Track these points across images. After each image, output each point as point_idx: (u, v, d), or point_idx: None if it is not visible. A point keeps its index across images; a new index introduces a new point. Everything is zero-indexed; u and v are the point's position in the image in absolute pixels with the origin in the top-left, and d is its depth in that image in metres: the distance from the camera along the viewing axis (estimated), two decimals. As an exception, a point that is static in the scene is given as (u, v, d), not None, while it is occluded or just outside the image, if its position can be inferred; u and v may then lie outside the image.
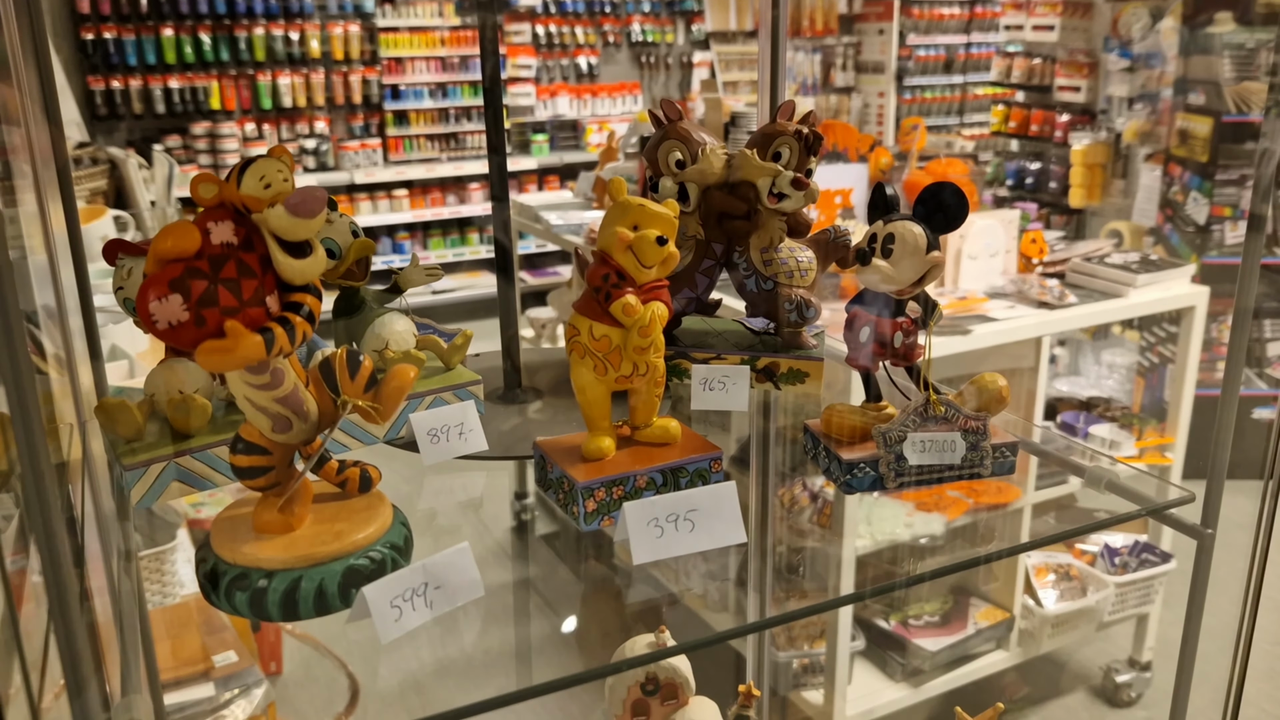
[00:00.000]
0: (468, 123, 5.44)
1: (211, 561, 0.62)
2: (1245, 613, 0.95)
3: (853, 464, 0.71)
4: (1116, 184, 4.30)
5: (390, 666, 2.99)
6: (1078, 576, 2.81)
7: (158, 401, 0.75)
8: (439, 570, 0.58)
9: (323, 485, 0.67)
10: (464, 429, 0.75)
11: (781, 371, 0.88)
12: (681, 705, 1.09)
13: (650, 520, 0.63)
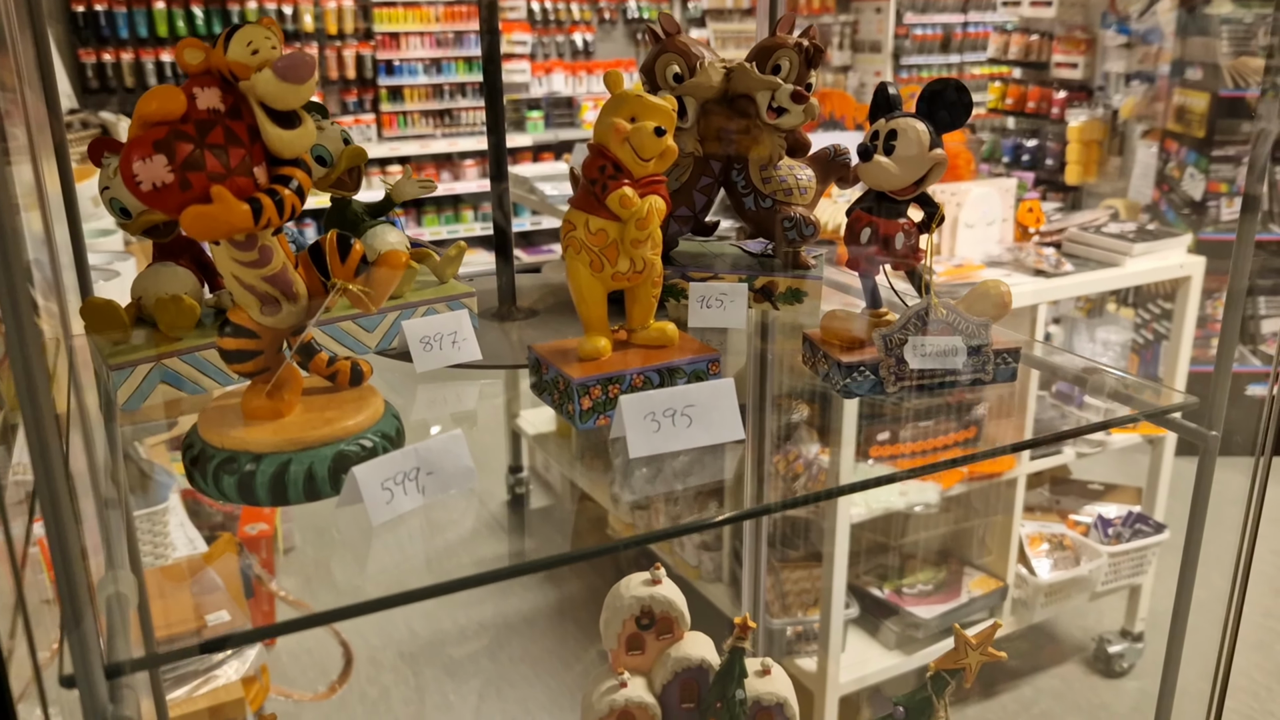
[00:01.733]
0: (462, 99, 5.41)
1: (198, 446, 0.60)
2: (1235, 584, 0.95)
3: (852, 367, 0.70)
4: (1113, 161, 4.29)
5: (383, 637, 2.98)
6: (1071, 546, 2.81)
7: (145, 305, 0.73)
8: (432, 456, 0.57)
9: (313, 381, 0.66)
10: (457, 337, 0.74)
11: (780, 291, 0.87)
12: (676, 639, 1.08)
13: (647, 414, 0.61)
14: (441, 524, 0.60)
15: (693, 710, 1.06)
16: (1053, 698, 2.76)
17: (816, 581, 2.65)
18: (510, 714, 2.69)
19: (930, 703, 0.82)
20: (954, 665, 0.82)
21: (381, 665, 2.83)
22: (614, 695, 1.05)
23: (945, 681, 0.83)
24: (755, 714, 1.07)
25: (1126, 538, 2.79)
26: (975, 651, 0.82)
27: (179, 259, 0.76)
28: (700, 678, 1.07)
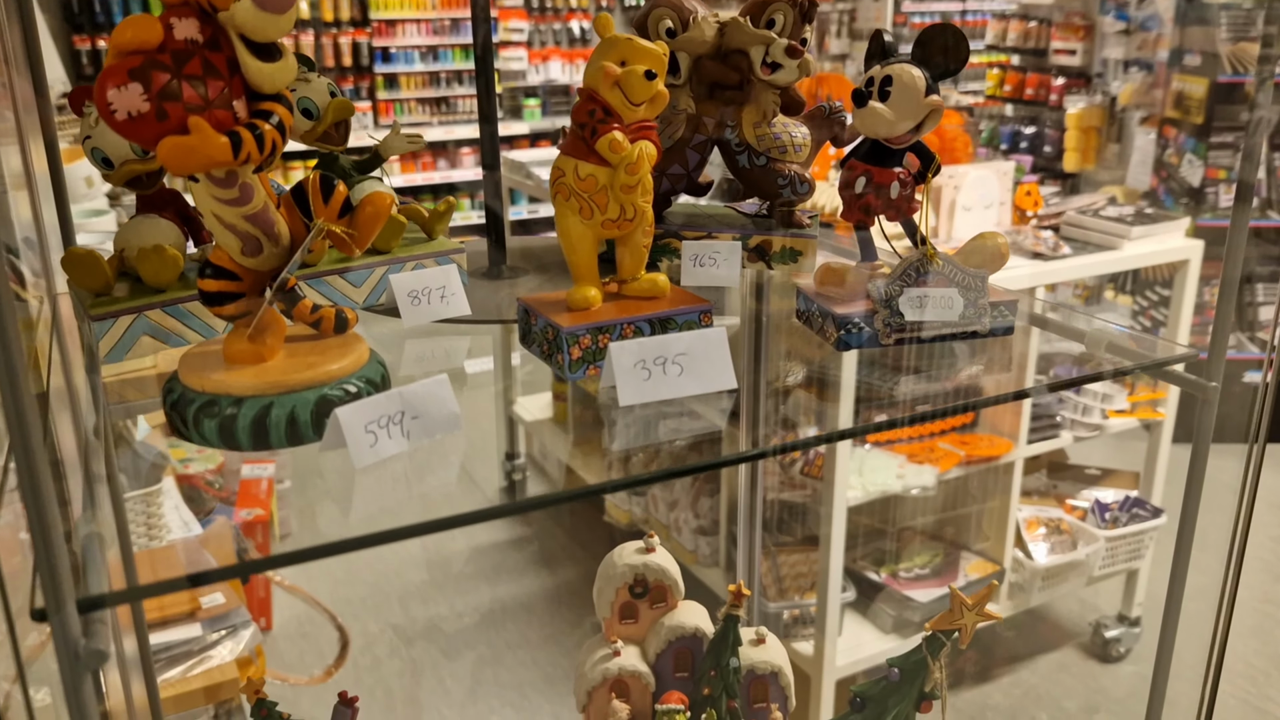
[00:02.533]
0: (459, 86, 5.39)
1: (178, 391, 0.59)
2: (1229, 567, 0.95)
3: (847, 319, 0.68)
4: (1111, 148, 4.28)
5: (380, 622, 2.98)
6: (1068, 531, 2.80)
7: (128, 258, 0.72)
8: (417, 400, 0.56)
9: (297, 330, 0.64)
10: (446, 292, 0.73)
11: (774, 250, 0.86)
12: (670, 608, 1.07)
13: (637, 362, 0.60)
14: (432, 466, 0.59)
15: (687, 679, 1.05)
16: (1049, 682, 2.76)
17: (813, 565, 2.65)
18: (506, 698, 2.68)
19: (925, 664, 0.82)
20: (950, 626, 0.81)
21: (377, 649, 2.83)
22: (607, 664, 1.04)
23: (941, 643, 0.82)
24: (750, 683, 1.06)
25: (1123, 522, 2.79)
26: (971, 612, 0.81)
27: (162, 212, 0.74)
28: (694, 647, 1.06)
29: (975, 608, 0.81)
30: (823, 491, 2.43)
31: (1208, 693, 1.04)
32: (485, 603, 3.06)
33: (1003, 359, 0.71)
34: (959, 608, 0.81)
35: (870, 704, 0.82)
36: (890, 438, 2.62)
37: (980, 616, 0.81)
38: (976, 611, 0.81)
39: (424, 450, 0.55)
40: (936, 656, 0.81)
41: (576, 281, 0.69)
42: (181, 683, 1.89)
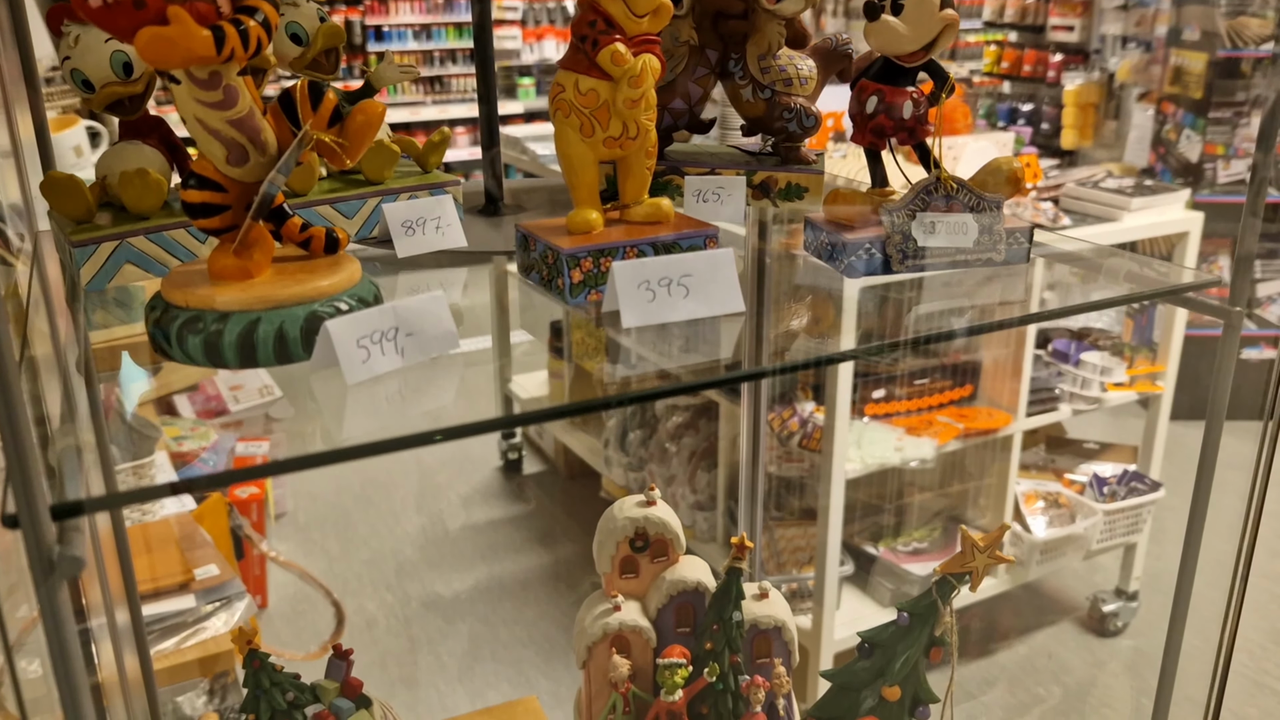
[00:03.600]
0: (453, 65, 5.34)
1: (161, 308, 0.56)
2: (1242, 546, 0.93)
3: (857, 245, 0.66)
4: (1109, 125, 4.25)
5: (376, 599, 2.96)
6: (1067, 504, 2.79)
7: (110, 185, 0.69)
8: (411, 316, 0.53)
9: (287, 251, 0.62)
10: (441, 223, 0.70)
11: (779, 187, 0.83)
12: (671, 563, 1.05)
13: (641, 283, 0.58)
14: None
15: (689, 635, 1.03)
16: (1047, 657, 2.75)
17: (811, 539, 2.64)
18: (503, 673, 2.67)
19: (935, 608, 0.80)
20: (960, 569, 0.79)
21: (374, 625, 2.81)
22: (607, 619, 1.02)
23: (951, 586, 0.80)
24: (753, 638, 1.04)
25: (1121, 496, 2.78)
26: (982, 554, 0.79)
27: (147, 139, 0.72)
28: (696, 601, 1.04)
29: (986, 550, 0.79)
30: (821, 464, 2.41)
31: (1219, 668, 1.03)
32: (482, 579, 3.04)
33: (1013, 287, 0.68)
34: (970, 550, 0.79)
35: (878, 650, 0.80)
36: (888, 410, 2.60)
37: (991, 559, 0.79)
38: (988, 554, 0.79)
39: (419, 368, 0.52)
40: (947, 600, 0.79)
41: (577, 204, 0.66)
42: (176, 654, 1.87)
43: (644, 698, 1.02)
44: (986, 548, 0.78)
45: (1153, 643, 2.83)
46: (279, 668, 0.88)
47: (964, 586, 0.79)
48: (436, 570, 3.09)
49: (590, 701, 1.04)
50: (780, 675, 1.03)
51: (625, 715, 1.01)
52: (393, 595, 2.97)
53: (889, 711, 0.80)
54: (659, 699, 0.99)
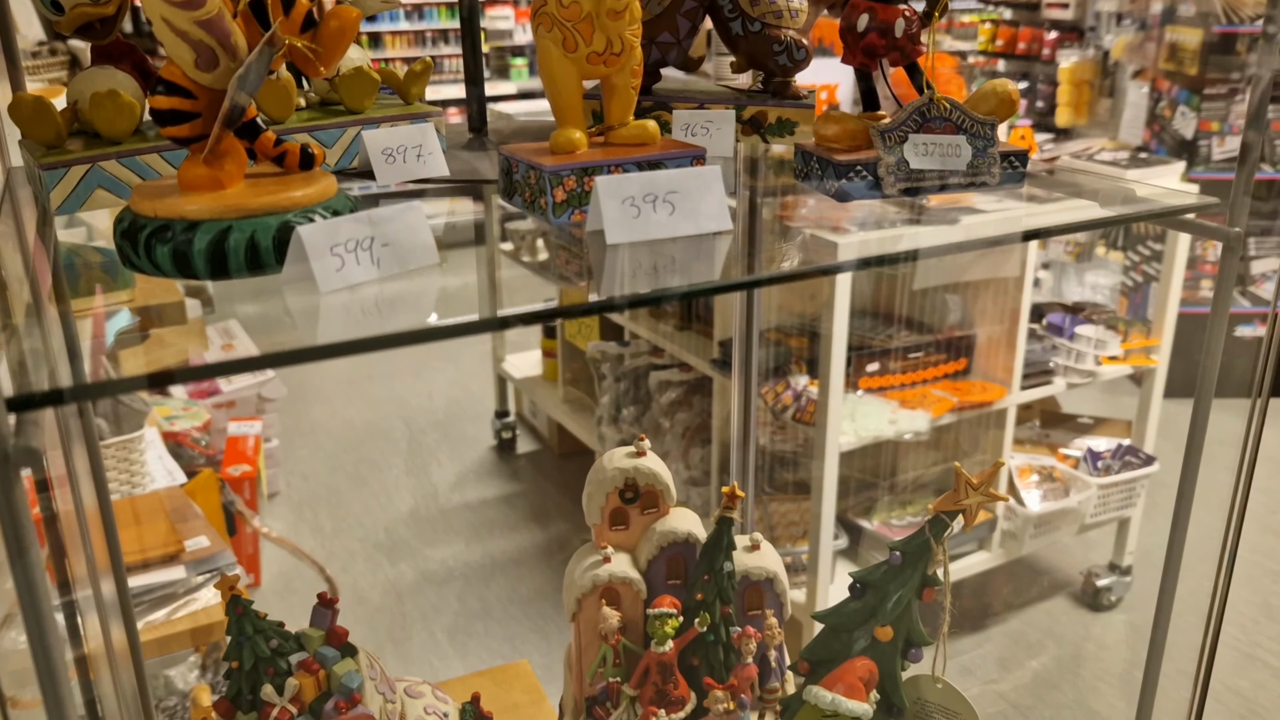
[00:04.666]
0: (444, 46, 5.30)
1: (129, 219, 0.54)
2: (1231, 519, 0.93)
3: (848, 167, 0.64)
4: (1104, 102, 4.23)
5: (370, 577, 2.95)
6: (1061, 478, 2.79)
7: (81, 110, 0.67)
8: (387, 226, 0.51)
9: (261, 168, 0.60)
10: (423, 151, 0.68)
11: (769, 122, 0.82)
12: (662, 514, 1.04)
13: (625, 199, 0.56)
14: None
15: (679, 587, 1.02)
16: (1041, 631, 2.75)
17: (805, 514, 2.63)
18: (497, 650, 2.66)
19: (928, 546, 0.78)
20: (953, 507, 0.78)
21: (368, 604, 2.80)
22: (597, 571, 1.01)
23: (944, 524, 0.78)
24: (744, 589, 1.03)
25: (1116, 470, 2.77)
26: (976, 492, 0.77)
27: (119, 64, 0.70)
28: (687, 553, 1.03)
29: (980, 488, 0.77)
30: (815, 437, 2.40)
31: (1209, 641, 1.03)
32: (476, 556, 3.03)
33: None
34: (963, 488, 0.78)
35: (870, 590, 0.79)
36: (882, 384, 2.59)
37: (985, 497, 0.78)
38: (981, 492, 0.78)
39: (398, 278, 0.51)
40: (940, 539, 0.78)
41: (560, 124, 0.65)
42: (166, 625, 1.86)
43: (634, 650, 1.01)
44: (980, 485, 0.77)
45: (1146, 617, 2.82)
46: (262, 615, 0.87)
47: (957, 524, 0.78)
48: (430, 548, 3.08)
49: (580, 654, 1.03)
50: (772, 626, 1.01)
51: (615, 667, 1.00)
52: (386, 572, 2.96)
53: (881, 652, 0.79)
54: (649, 650, 0.98)
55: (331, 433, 3.76)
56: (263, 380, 3.41)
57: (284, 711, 0.84)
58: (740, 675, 0.99)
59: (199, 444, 3.10)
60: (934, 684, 0.84)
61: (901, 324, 2.71)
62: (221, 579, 0.83)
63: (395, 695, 0.90)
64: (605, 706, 1.00)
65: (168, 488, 2.24)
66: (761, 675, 1.03)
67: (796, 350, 2.66)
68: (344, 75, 0.73)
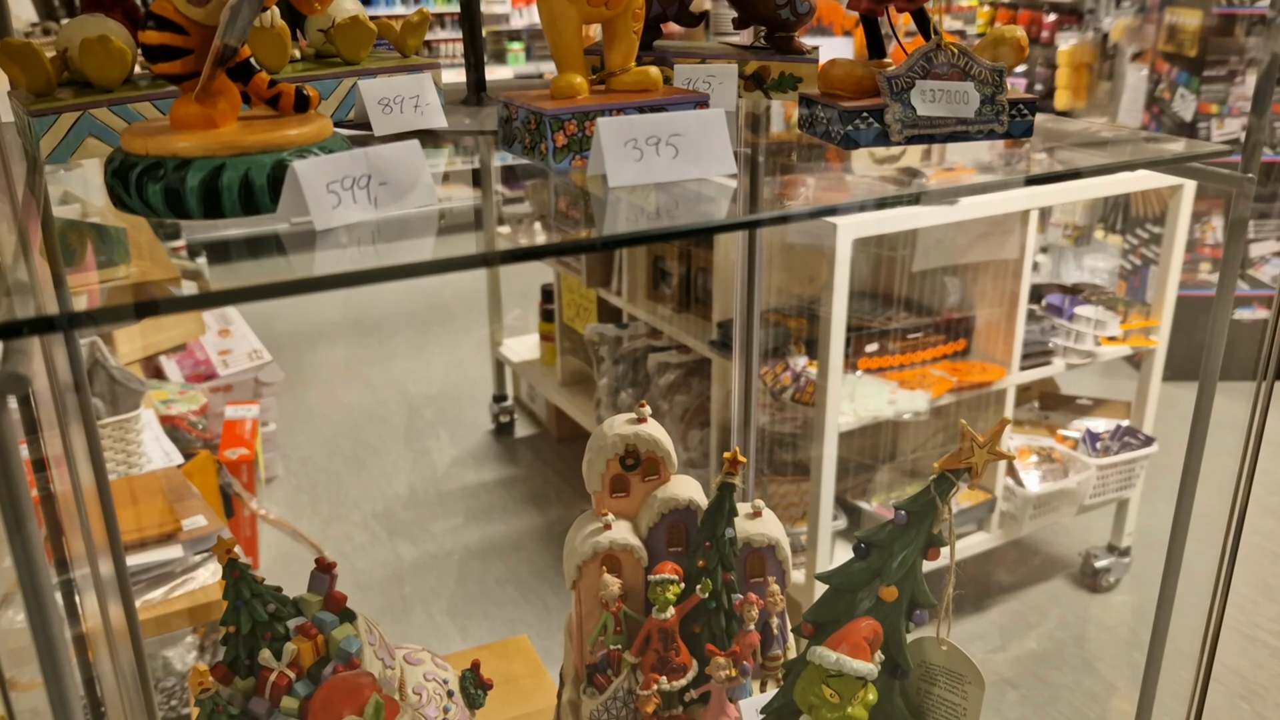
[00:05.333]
0: (441, 30, 5.26)
1: (119, 159, 0.53)
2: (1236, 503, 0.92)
3: (854, 114, 0.63)
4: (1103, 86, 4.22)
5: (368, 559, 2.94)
6: (1060, 459, 2.79)
7: (71, 58, 0.66)
8: (385, 164, 0.50)
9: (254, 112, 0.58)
10: (420, 102, 0.67)
11: (772, 78, 0.80)
12: (663, 481, 1.03)
13: (628, 141, 0.55)
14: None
15: (681, 554, 1.02)
16: (1039, 613, 2.76)
17: (804, 495, 2.62)
18: (496, 632, 2.66)
19: (934, 505, 0.77)
20: (959, 465, 0.77)
21: (367, 587, 2.79)
22: (598, 538, 1.00)
23: (950, 483, 0.77)
24: (746, 557, 1.02)
25: (1115, 451, 2.77)
26: (982, 449, 0.76)
27: (110, 11, 0.68)
28: (688, 520, 1.02)
29: (986, 445, 0.76)
30: (814, 417, 2.39)
31: (1212, 624, 1.03)
32: (475, 541, 3.03)
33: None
34: (969, 445, 0.77)
35: (875, 550, 0.78)
36: (881, 364, 2.58)
37: (991, 455, 0.77)
38: (988, 449, 0.77)
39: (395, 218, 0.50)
40: (946, 498, 0.77)
41: (561, 69, 0.63)
42: (164, 604, 1.85)
43: (635, 618, 1.01)
44: (986, 442, 0.76)
45: (1145, 598, 2.83)
46: (260, 579, 0.86)
47: (963, 483, 0.77)
48: (429, 532, 3.07)
49: (581, 622, 1.02)
50: (774, 593, 1.01)
51: (616, 635, 0.99)
52: (385, 556, 2.96)
53: (886, 613, 0.78)
54: (651, 617, 0.97)
55: (329, 417, 3.75)
56: (260, 364, 3.39)
57: (282, 676, 0.83)
58: (742, 642, 0.98)
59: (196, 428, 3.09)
60: (939, 646, 0.83)
61: (900, 305, 2.70)
62: (219, 542, 0.82)
63: (394, 661, 0.90)
64: (606, 674, 0.99)
65: (164, 468, 2.23)
66: (763, 643, 1.02)
67: (795, 331, 2.65)
68: (339, 25, 0.71)
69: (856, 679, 0.74)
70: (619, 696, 0.98)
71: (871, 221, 2.27)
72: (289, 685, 0.83)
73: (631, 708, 0.98)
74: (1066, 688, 2.46)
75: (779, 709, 0.82)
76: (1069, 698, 2.42)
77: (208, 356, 3.43)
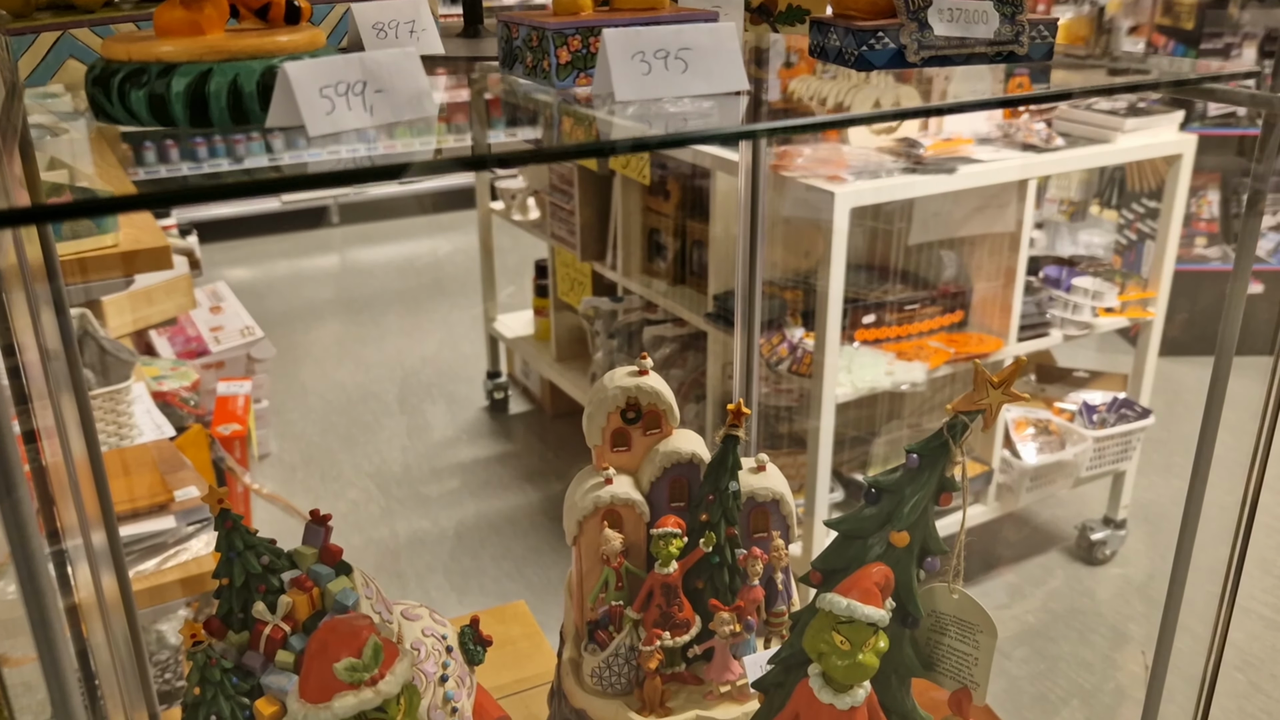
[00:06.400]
0: (430, 6, 5.19)
1: (100, 66, 0.50)
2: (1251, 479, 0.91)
3: (869, 34, 0.61)
4: (1100, 60, 4.20)
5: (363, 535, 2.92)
6: (1056, 431, 2.78)
7: (50, -21, 0.63)
8: (381, 71, 0.47)
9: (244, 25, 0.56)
10: (415, 27, 0.64)
11: (780, 9, 0.78)
12: (665, 435, 1.01)
13: (635, 53, 0.52)
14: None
15: (683, 509, 1.00)
16: (1035, 585, 2.76)
17: (801, 468, 2.61)
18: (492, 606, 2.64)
19: (946, 448, 0.75)
20: (973, 407, 0.75)
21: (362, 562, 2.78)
22: (598, 493, 0.98)
23: (963, 425, 0.75)
24: (750, 511, 1.00)
25: (1112, 423, 2.77)
26: (997, 390, 0.74)
27: (89, -69, 0.65)
28: (690, 475, 1.00)
29: (1001, 386, 0.74)
30: (811, 389, 2.38)
31: (1225, 602, 1.02)
32: (470, 516, 3.01)
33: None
34: (983, 386, 0.75)
35: (886, 495, 0.76)
36: (879, 335, 2.57)
37: (1006, 396, 0.75)
38: (1002, 390, 0.75)
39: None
40: (959, 440, 0.75)
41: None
42: (157, 575, 1.83)
43: (637, 574, 0.99)
44: (1001, 383, 0.74)
45: (1141, 571, 2.83)
46: (254, 530, 0.83)
47: (976, 425, 0.75)
48: (424, 508, 3.05)
49: (582, 579, 1.00)
50: (779, 548, 0.99)
51: (618, 591, 0.98)
52: (380, 532, 2.94)
53: (897, 559, 0.76)
54: (653, 572, 0.95)
55: (322, 395, 3.72)
56: (252, 341, 3.35)
57: (277, 629, 0.81)
58: (746, 597, 0.96)
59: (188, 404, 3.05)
60: (949, 595, 0.81)
61: (897, 278, 2.68)
62: (210, 492, 0.79)
63: (392, 616, 0.88)
64: (608, 631, 0.98)
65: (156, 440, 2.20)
66: (768, 599, 1.00)
67: (791, 303, 2.63)
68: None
69: (867, 625, 0.73)
70: (621, 653, 0.96)
71: (868, 191, 2.24)
72: (284, 639, 0.81)
73: (633, 664, 0.96)
74: (1062, 659, 2.46)
75: (787, 659, 0.81)
76: (1065, 669, 2.42)
77: (199, 333, 3.40)
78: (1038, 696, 2.33)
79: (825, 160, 2.37)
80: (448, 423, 3.54)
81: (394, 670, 0.63)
